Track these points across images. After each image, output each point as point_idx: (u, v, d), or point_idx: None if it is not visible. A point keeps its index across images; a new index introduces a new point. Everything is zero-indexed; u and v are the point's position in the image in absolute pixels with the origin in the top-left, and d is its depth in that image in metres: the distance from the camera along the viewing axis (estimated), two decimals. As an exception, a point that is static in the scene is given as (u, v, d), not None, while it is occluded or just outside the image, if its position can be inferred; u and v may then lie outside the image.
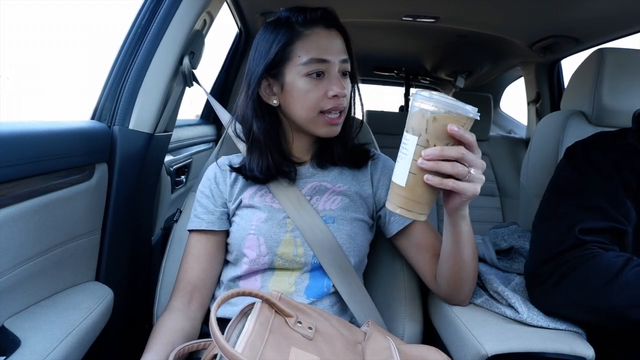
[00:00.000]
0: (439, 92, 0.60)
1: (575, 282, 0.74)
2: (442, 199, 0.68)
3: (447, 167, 0.58)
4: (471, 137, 0.58)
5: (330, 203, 0.86)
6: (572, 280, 0.75)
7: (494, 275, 0.94)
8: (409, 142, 0.60)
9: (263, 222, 0.82)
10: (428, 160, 0.57)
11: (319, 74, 0.78)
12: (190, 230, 0.87)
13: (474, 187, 0.60)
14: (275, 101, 0.83)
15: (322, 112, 0.80)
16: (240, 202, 0.85)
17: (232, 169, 0.88)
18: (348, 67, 0.82)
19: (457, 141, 0.58)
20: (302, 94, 0.79)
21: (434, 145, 0.58)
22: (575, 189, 0.85)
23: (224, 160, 0.91)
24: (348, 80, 0.83)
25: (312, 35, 0.79)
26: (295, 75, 0.79)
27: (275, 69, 0.80)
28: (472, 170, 0.59)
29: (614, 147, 0.87)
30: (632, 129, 0.91)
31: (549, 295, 0.79)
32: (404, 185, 0.60)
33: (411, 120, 0.60)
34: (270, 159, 0.84)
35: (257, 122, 0.83)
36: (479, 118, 0.59)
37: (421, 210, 0.61)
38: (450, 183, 0.59)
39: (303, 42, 0.79)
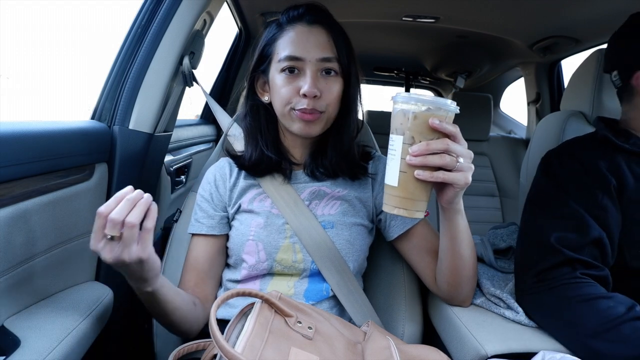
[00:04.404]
0: (417, 93, 0.63)
1: (561, 303, 0.75)
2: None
3: (435, 159, 0.59)
4: (454, 129, 0.60)
5: (330, 208, 0.85)
6: (558, 299, 0.75)
7: (490, 276, 0.94)
8: (395, 143, 0.62)
9: (262, 228, 0.82)
10: (416, 156, 0.59)
11: (292, 70, 0.78)
12: (191, 234, 0.87)
13: (464, 176, 0.61)
14: (266, 98, 0.85)
15: (294, 108, 0.78)
16: (240, 206, 0.85)
17: (230, 155, 0.89)
18: (331, 66, 0.78)
19: (441, 134, 0.60)
20: (277, 89, 0.79)
21: (420, 142, 0.60)
22: (550, 198, 0.86)
23: (224, 162, 0.91)
24: (333, 80, 0.79)
25: (291, 32, 0.79)
26: (275, 72, 0.80)
27: (263, 66, 0.83)
28: (460, 160, 0.61)
29: (587, 150, 0.87)
30: (602, 129, 0.90)
31: (533, 304, 0.80)
32: (396, 185, 0.62)
33: (395, 122, 0.62)
34: (261, 152, 0.85)
35: (250, 118, 0.86)
36: (458, 112, 0.61)
37: (417, 207, 0.63)
38: (440, 175, 0.60)
39: (282, 40, 0.79)
